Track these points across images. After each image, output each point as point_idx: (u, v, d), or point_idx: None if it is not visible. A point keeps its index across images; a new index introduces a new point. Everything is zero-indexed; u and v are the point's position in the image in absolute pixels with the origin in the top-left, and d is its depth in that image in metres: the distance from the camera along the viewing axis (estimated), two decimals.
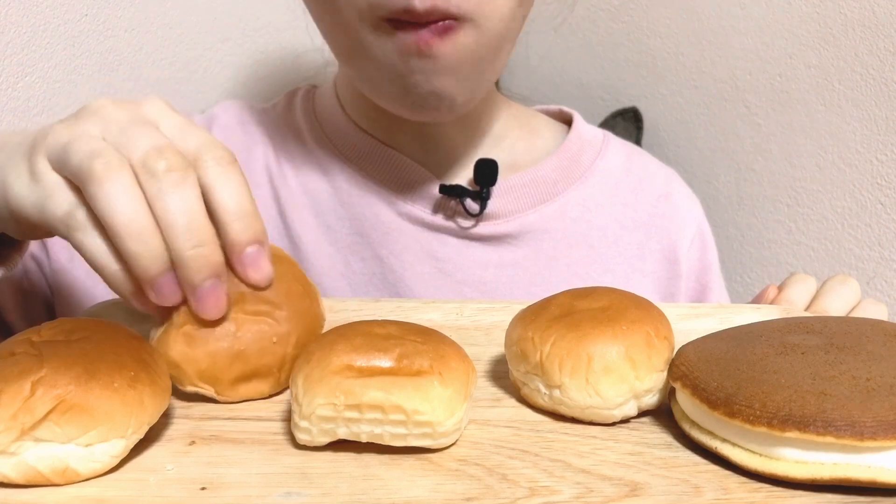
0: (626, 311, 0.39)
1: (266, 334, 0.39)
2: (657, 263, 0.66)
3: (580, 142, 0.67)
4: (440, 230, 0.62)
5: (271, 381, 0.39)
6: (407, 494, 0.32)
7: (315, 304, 0.42)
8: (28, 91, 0.67)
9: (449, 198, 0.61)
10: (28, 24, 0.67)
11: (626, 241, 0.66)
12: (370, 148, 0.63)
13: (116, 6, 0.75)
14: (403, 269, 0.61)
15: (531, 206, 0.64)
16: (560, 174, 0.65)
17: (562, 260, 0.64)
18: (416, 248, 0.62)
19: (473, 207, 0.61)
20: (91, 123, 0.38)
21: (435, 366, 0.35)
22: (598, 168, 0.67)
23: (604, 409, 0.37)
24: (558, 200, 0.65)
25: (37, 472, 0.32)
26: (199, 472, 0.33)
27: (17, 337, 0.35)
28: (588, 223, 0.65)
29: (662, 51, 0.97)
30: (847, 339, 0.37)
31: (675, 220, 0.68)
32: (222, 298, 0.37)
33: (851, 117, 0.82)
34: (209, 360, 0.38)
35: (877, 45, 0.79)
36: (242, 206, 0.38)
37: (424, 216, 0.62)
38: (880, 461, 0.31)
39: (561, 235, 0.64)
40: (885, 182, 0.80)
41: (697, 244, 0.68)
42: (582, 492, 0.32)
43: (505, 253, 0.63)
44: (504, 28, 0.53)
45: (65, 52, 0.70)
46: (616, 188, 0.67)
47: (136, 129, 0.37)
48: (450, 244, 0.62)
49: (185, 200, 0.36)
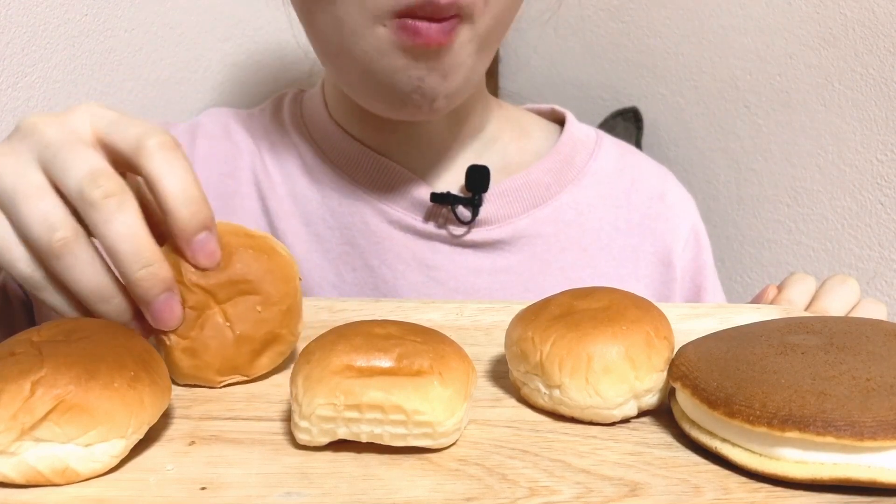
0: (626, 311, 0.39)
1: (250, 309, 0.40)
2: (651, 267, 0.66)
3: (572, 142, 0.67)
4: (432, 238, 0.61)
5: (283, 342, 0.41)
6: (407, 494, 0.32)
7: (273, 252, 0.42)
8: (28, 91, 0.67)
9: (440, 205, 0.61)
10: (28, 24, 0.67)
11: (619, 245, 0.65)
12: (358, 154, 0.62)
13: (116, 6, 0.75)
14: (395, 278, 0.61)
15: (524, 211, 0.63)
16: (553, 177, 0.64)
17: (555, 264, 0.63)
18: (407, 256, 0.61)
19: (465, 215, 0.61)
20: (26, 147, 0.38)
21: (435, 366, 0.35)
22: (590, 169, 0.66)
23: (604, 409, 0.37)
24: (551, 204, 0.64)
25: (37, 472, 0.32)
26: (199, 472, 0.33)
27: (17, 337, 0.35)
28: (581, 226, 0.65)
29: (662, 51, 0.98)
30: (847, 339, 0.37)
31: (669, 221, 0.67)
32: (177, 308, 0.39)
33: (851, 117, 0.82)
34: (219, 359, 0.40)
35: (877, 45, 0.79)
36: (188, 193, 0.38)
37: (415, 224, 0.61)
38: (880, 461, 0.31)
39: (554, 240, 0.63)
40: (885, 182, 0.80)
41: (692, 245, 0.68)
42: (582, 492, 0.32)
43: (498, 259, 0.62)
44: (495, 27, 0.53)
45: (65, 52, 0.70)
46: (609, 189, 0.67)
47: (68, 151, 0.38)
48: (442, 252, 0.61)
49: (126, 226, 0.37)
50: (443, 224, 0.61)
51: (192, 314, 0.39)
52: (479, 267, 0.62)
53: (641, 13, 0.99)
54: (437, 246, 0.61)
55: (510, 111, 0.69)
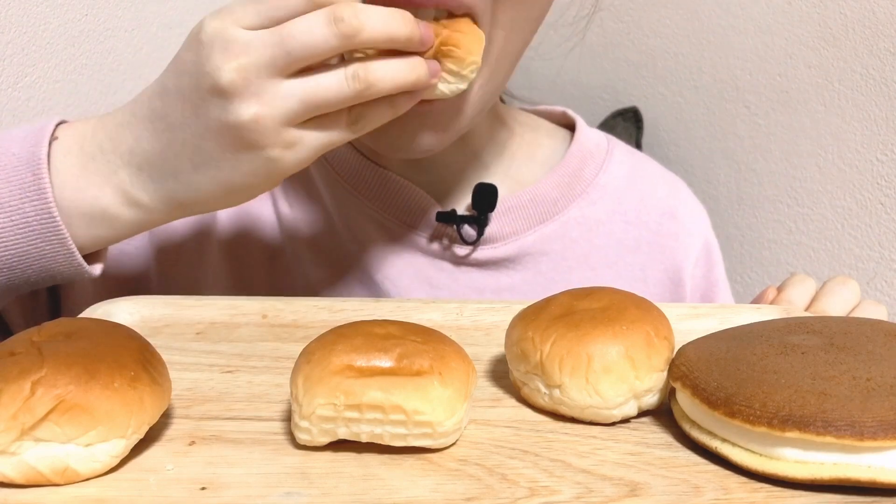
0: (626, 311, 0.39)
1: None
2: (661, 285, 0.64)
3: (582, 153, 0.65)
4: (436, 256, 0.61)
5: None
6: (407, 494, 0.32)
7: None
8: (28, 91, 0.67)
9: (445, 224, 0.60)
10: (28, 24, 0.67)
11: (627, 263, 0.64)
12: (364, 169, 0.61)
13: (116, 6, 0.75)
14: (398, 294, 0.60)
15: (530, 227, 0.61)
16: (561, 191, 0.63)
17: (560, 283, 0.61)
18: (411, 274, 0.60)
19: (470, 234, 0.59)
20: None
21: (435, 366, 0.35)
22: (600, 183, 0.64)
23: (604, 408, 0.37)
24: (558, 219, 0.62)
25: (37, 472, 0.32)
26: (199, 472, 0.33)
27: (18, 336, 0.35)
28: (589, 243, 0.63)
29: (662, 51, 0.98)
30: (847, 339, 0.37)
31: (679, 238, 0.65)
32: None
33: (851, 117, 0.82)
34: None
35: (877, 45, 0.79)
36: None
37: (420, 242, 0.60)
38: (880, 461, 0.31)
39: (560, 257, 0.62)
40: (885, 182, 0.80)
41: (703, 261, 0.66)
42: (582, 492, 0.32)
43: (502, 278, 0.61)
44: (513, 49, 0.53)
45: (65, 52, 0.70)
46: (619, 204, 0.65)
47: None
48: (446, 270, 0.61)
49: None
50: (448, 245, 0.60)
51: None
52: (482, 285, 0.61)
53: (641, 13, 0.99)
54: (441, 265, 0.61)
55: (520, 117, 0.67)
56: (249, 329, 0.48)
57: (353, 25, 0.40)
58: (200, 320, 0.48)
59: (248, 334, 0.47)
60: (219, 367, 0.43)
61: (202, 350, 0.45)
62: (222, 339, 0.46)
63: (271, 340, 0.46)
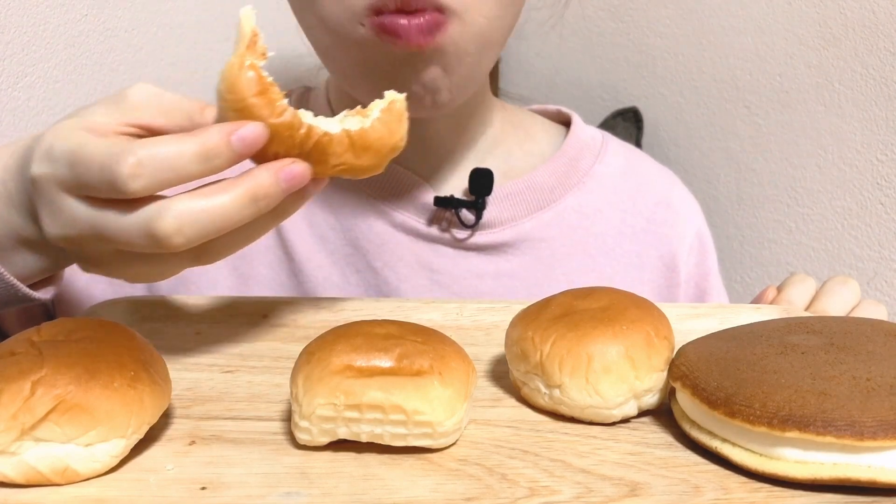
0: (626, 311, 0.39)
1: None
2: (655, 272, 0.66)
3: (578, 145, 0.66)
4: (435, 241, 0.61)
5: None
6: (407, 494, 0.32)
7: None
8: (28, 91, 0.67)
9: (444, 209, 0.60)
10: (28, 24, 0.67)
11: (624, 249, 0.65)
12: None
13: (116, 6, 0.75)
14: (399, 281, 0.60)
15: (527, 214, 0.62)
16: (557, 180, 0.64)
17: (559, 269, 0.63)
18: (410, 259, 0.61)
19: (469, 218, 0.60)
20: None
21: (435, 366, 0.35)
22: (596, 173, 0.66)
23: (604, 408, 0.37)
24: (555, 207, 0.63)
25: (37, 472, 0.32)
26: (199, 472, 0.33)
27: (18, 337, 0.35)
28: (586, 230, 0.64)
29: (662, 51, 0.98)
30: (847, 339, 0.37)
31: (674, 226, 0.67)
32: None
33: (851, 117, 0.82)
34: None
35: (877, 45, 0.79)
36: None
37: (419, 227, 0.61)
38: (880, 461, 0.31)
39: (558, 244, 0.63)
40: (885, 182, 0.80)
41: (696, 250, 0.68)
42: (582, 492, 0.32)
43: (501, 262, 0.62)
44: (489, 27, 0.52)
45: (65, 52, 0.70)
46: (614, 194, 0.66)
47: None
48: (445, 255, 0.61)
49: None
50: (446, 228, 0.61)
51: None
52: (482, 270, 0.62)
53: (641, 13, 0.98)
54: (440, 249, 0.61)
55: (514, 113, 0.68)
56: (249, 329, 0.48)
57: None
58: (200, 320, 0.48)
59: (248, 334, 0.47)
60: (219, 367, 0.43)
61: (202, 350, 0.45)
62: (222, 338, 0.46)
63: (271, 340, 0.47)
